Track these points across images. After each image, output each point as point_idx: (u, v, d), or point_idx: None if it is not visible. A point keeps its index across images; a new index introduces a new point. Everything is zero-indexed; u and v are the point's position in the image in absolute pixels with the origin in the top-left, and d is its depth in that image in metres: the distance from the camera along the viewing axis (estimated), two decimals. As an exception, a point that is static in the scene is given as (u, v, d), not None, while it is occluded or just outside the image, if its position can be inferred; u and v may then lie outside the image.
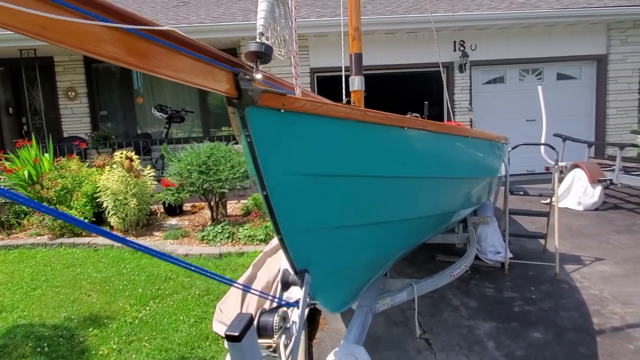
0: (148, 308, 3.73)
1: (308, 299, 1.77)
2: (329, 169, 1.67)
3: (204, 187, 5.53)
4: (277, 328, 1.55)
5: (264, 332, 1.55)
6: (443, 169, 2.61)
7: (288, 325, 1.64)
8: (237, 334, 1.32)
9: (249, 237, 5.35)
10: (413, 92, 10.98)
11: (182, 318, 3.52)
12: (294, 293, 1.79)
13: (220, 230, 5.54)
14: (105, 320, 3.52)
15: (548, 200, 5.66)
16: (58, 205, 5.93)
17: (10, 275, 4.59)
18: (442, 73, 6.00)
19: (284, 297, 1.73)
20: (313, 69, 9.05)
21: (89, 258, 5.03)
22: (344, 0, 3.58)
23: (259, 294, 1.90)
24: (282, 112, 1.40)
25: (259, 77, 1.35)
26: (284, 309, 1.65)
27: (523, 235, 5.34)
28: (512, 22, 8.78)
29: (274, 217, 1.55)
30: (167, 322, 3.47)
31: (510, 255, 4.40)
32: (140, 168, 6.09)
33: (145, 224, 6.17)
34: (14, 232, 6.08)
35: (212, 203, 6.05)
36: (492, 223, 4.41)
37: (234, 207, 6.98)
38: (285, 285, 1.73)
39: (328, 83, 7.88)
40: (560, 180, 7.06)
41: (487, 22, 8.74)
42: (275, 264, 3.53)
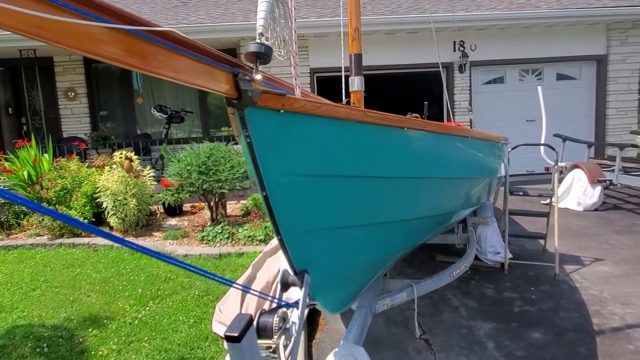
0: (148, 308, 3.73)
1: (308, 300, 1.77)
2: (329, 170, 1.67)
3: (204, 187, 5.53)
4: (276, 328, 1.55)
5: (264, 332, 1.55)
6: (443, 170, 2.61)
7: (288, 326, 1.64)
8: (236, 335, 1.32)
9: (249, 237, 5.36)
10: (413, 92, 10.98)
11: (181, 318, 3.52)
12: (294, 293, 1.79)
13: (220, 231, 5.54)
14: (105, 321, 3.52)
15: (548, 201, 5.66)
16: (57, 206, 5.93)
17: (10, 276, 4.59)
18: (441, 73, 6.00)
19: (284, 297, 1.73)
20: (313, 70, 9.05)
21: (89, 258, 5.03)
22: (344, 1, 3.58)
23: (259, 295, 1.89)
24: (281, 112, 1.40)
25: (259, 77, 1.35)
26: (284, 310, 1.64)
27: (523, 236, 5.34)
28: (511, 22, 8.78)
29: (274, 217, 1.55)
30: (166, 322, 3.47)
31: (510, 256, 4.40)
32: (140, 168, 6.09)
33: (145, 225, 6.17)
34: (14, 232, 6.08)
35: (211, 203, 6.05)
36: (491, 223, 4.41)
37: (234, 207, 6.97)
38: (285, 286, 1.73)
39: (328, 83, 7.88)
40: (560, 181, 7.06)
41: (486, 22, 8.74)
42: (275, 265, 3.52)
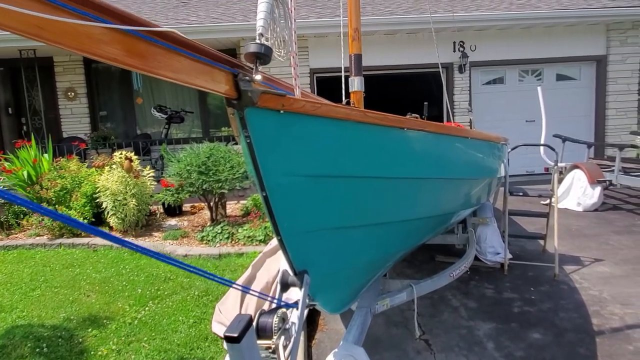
0: (147, 309, 3.72)
1: (307, 300, 1.77)
2: (329, 170, 1.67)
3: (204, 187, 5.52)
4: (276, 329, 1.54)
5: (263, 333, 1.55)
6: (442, 170, 2.61)
7: (287, 326, 1.64)
8: (236, 335, 1.32)
9: (249, 237, 5.35)
10: (413, 92, 10.98)
11: (181, 319, 3.52)
12: (294, 294, 1.79)
13: (220, 231, 5.54)
14: (105, 321, 3.52)
15: (547, 201, 5.66)
16: (57, 206, 5.93)
17: (10, 276, 4.58)
18: (441, 74, 5.99)
19: (284, 298, 1.73)
20: (313, 70, 9.05)
21: (88, 258, 5.03)
22: (344, 1, 3.58)
23: (258, 295, 1.89)
24: (281, 113, 1.40)
25: (259, 78, 1.35)
26: (283, 310, 1.64)
27: (522, 236, 5.34)
28: (511, 22, 8.78)
29: (274, 217, 1.55)
30: (166, 322, 3.47)
31: (510, 256, 4.40)
32: (140, 168, 6.09)
33: (145, 225, 6.17)
34: (13, 232, 6.07)
35: (211, 203, 6.04)
36: (491, 224, 4.41)
37: (234, 207, 6.97)
38: (285, 286, 1.73)
39: (328, 84, 7.88)
40: (560, 181, 7.06)
41: (486, 22, 8.74)
42: (275, 265, 3.52)
